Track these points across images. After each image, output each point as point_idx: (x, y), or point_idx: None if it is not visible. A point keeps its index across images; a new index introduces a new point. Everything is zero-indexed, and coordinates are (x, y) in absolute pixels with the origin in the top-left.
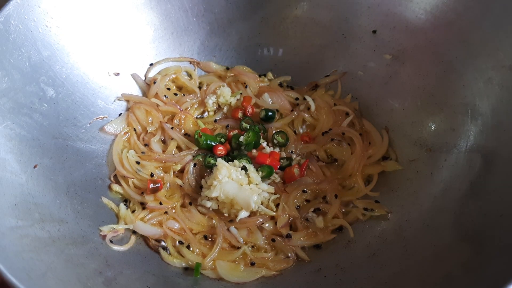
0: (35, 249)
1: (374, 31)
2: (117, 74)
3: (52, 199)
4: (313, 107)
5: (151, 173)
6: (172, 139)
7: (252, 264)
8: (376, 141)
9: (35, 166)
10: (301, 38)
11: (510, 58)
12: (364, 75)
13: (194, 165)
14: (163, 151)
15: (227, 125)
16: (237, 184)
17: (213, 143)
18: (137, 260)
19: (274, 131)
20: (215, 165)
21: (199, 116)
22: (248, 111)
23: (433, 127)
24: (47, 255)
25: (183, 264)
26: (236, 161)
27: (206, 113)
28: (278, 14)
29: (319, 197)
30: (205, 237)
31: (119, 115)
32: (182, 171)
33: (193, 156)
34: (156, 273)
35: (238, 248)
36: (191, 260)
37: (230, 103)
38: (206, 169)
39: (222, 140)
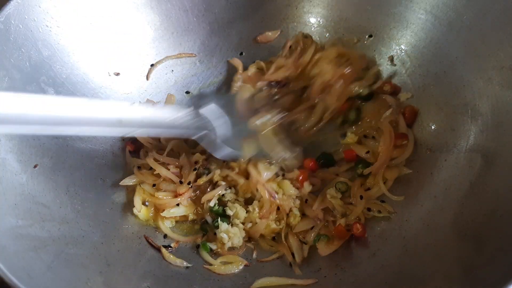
0: (35, 249)
1: (370, 36)
2: (117, 74)
3: (52, 198)
4: None
5: None
6: None
7: None
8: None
9: (35, 166)
10: None
11: (510, 58)
12: None
13: None
14: None
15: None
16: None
17: None
18: (137, 260)
19: None
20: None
21: None
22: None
23: (433, 127)
24: (47, 254)
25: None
26: None
27: None
28: (278, 14)
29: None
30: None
31: None
32: None
33: None
34: (156, 273)
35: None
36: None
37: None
38: None
39: None
